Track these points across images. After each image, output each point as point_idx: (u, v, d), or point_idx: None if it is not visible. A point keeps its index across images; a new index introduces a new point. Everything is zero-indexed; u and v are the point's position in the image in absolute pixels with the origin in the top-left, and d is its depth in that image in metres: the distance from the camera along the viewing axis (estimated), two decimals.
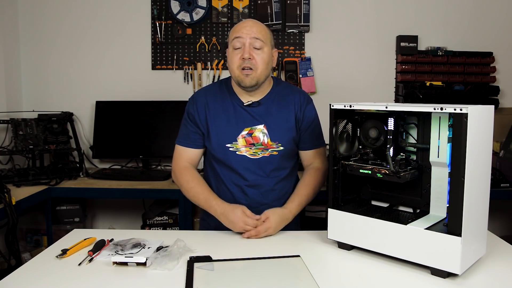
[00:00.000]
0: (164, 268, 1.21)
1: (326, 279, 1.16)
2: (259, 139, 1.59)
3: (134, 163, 2.94)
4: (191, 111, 1.65)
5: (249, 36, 1.53)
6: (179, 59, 2.98)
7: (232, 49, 1.56)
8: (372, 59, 2.99)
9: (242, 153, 1.59)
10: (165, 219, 2.69)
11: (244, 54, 1.53)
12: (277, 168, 1.62)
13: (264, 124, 1.60)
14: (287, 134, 1.62)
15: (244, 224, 1.46)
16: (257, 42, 1.54)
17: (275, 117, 1.61)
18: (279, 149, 1.61)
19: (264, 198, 1.61)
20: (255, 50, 1.54)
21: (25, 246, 2.78)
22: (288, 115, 1.63)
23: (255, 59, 1.53)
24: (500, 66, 2.94)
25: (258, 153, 1.59)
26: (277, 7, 2.90)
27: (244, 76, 1.54)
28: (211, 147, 1.61)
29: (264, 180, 1.61)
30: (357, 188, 1.48)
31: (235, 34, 1.55)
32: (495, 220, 2.98)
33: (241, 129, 1.59)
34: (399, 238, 1.22)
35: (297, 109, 1.65)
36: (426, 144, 1.27)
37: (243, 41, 1.54)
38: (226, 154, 1.59)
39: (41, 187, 2.38)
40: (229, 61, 1.58)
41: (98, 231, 1.57)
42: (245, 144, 1.58)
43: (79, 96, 3.01)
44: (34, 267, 1.25)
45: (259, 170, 1.60)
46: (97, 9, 2.98)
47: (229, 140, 1.59)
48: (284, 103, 1.64)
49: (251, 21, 1.59)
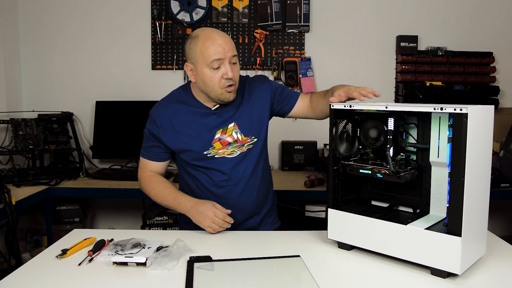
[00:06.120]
0: (164, 268, 1.21)
1: (326, 279, 1.16)
2: (233, 137, 1.59)
3: (134, 163, 2.94)
4: (153, 131, 1.60)
5: (228, 55, 1.48)
6: (179, 59, 2.98)
7: (210, 69, 1.48)
8: (372, 59, 2.99)
9: (220, 155, 1.59)
10: (165, 219, 2.69)
11: (228, 74, 1.48)
12: (257, 161, 1.64)
13: (234, 122, 1.60)
14: (257, 125, 1.62)
15: (213, 215, 1.47)
16: (234, 58, 1.51)
17: (243, 112, 1.61)
18: (253, 142, 1.62)
19: (249, 195, 1.62)
20: (232, 65, 1.51)
21: (25, 246, 2.78)
22: (254, 106, 1.63)
23: (234, 74, 1.51)
24: (500, 66, 2.95)
25: (236, 151, 1.59)
26: (277, 7, 2.90)
27: (227, 93, 1.52)
28: (189, 159, 1.60)
29: (246, 176, 1.61)
30: (357, 188, 1.48)
31: (214, 56, 1.46)
32: (495, 220, 2.98)
33: (214, 134, 1.58)
34: (399, 238, 1.22)
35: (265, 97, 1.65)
36: (426, 144, 1.27)
37: (223, 61, 1.48)
38: (205, 161, 1.59)
39: (41, 187, 2.38)
40: (207, 81, 1.50)
41: (98, 231, 1.57)
42: (221, 147, 1.58)
43: (79, 96, 3.01)
44: (34, 267, 1.25)
45: (239, 168, 1.60)
46: (97, 9, 2.98)
47: (205, 148, 1.58)
48: (248, 95, 1.64)
49: (221, 37, 1.49)
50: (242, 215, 1.61)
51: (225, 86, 1.50)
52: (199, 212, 1.50)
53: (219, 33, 1.51)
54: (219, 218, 1.48)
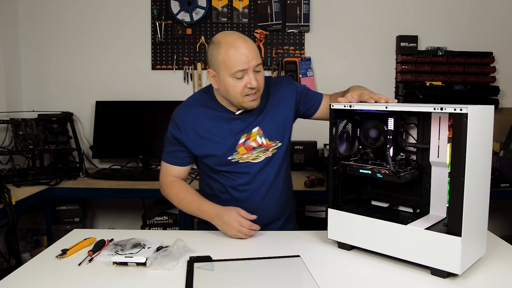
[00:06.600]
0: (164, 268, 1.21)
1: (326, 279, 1.16)
2: (257, 142, 1.57)
3: (134, 163, 2.94)
4: (177, 135, 1.56)
5: (252, 65, 1.43)
6: (179, 59, 2.98)
7: (233, 78, 1.44)
8: (372, 59, 2.99)
9: (244, 160, 1.56)
10: (165, 219, 2.69)
11: (251, 83, 1.44)
12: (281, 165, 1.62)
13: (258, 127, 1.57)
14: (282, 129, 1.61)
15: (238, 225, 1.45)
16: (258, 66, 1.47)
17: (267, 115, 1.59)
18: (278, 146, 1.60)
19: (272, 199, 1.60)
20: (256, 73, 1.46)
21: (25, 246, 2.78)
22: (278, 109, 1.61)
23: (258, 82, 1.47)
24: (500, 66, 2.94)
25: (261, 156, 1.57)
26: (277, 7, 2.90)
27: (249, 101, 1.48)
28: (212, 164, 1.57)
29: (269, 181, 1.59)
30: (357, 188, 1.48)
31: (237, 66, 1.41)
32: (495, 220, 2.98)
33: (238, 139, 1.56)
34: (399, 238, 1.22)
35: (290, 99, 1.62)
36: (426, 144, 1.27)
37: (247, 71, 1.43)
38: (229, 166, 1.56)
39: (41, 187, 2.38)
40: (230, 90, 1.46)
41: (98, 231, 1.57)
42: (245, 152, 1.56)
43: (79, 96, 3.01)
44: (34, 267, 1.25)
45: (263, 172, 1.58)
46: (97, 9, 2.98)
47: (229, 153, 1.55)
48: (272, 98, 1.61)
49: (244, 45, 1.43)
50: (263, 219, 1.56)
51: (248, 94, 1.47)
52: (224, 221, 1.47)
53: (242, 40, 1.44)
54: (245, 228, 1.45)
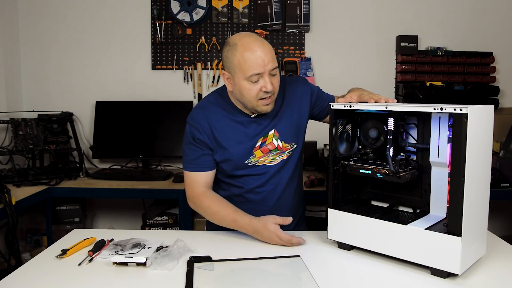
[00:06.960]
0: (164, 268, 1.21)
1: (326, 279, 1.16)
2: (273, 144, 1.56)
3: (134, 163, 2.94)
4: (199, 137, 1.52)
5: (268, 68, 1.41)
6: (179, 59, 2.98)
7: (248, 82, 1.42)
8: (372, 59, 2.99)
9: (261, 163, 1.56)
10: (165, 219, 2.69)
11: (266, 87, 1.42)
12: (295, 167, 1.62)
13: (274, 129, 1.56)
14: (297, 130, 1.60)
15: (278, 239, 1.41)
16: (274, 70, 1.44)
17: (282, 117, 1.58)
18: (293, 149, 1.60)
19: (286, 201, 1.60)
20: (271, 77, 1.44)
21: (25, 246, 2.78)
22: (294, 110, 1.60)
23: (273, 85, 1.45)
24: (500, 66, 2.94)
25: (277, 158, 1.56)
26: (277, 7, 2.90)
27: (263, 105, 1.47)
28: (229, 169, 1.56)
29: (284, 183, 1.59)
30: (357, 188, 1.48)
31: (253, 70, 1.39)
32: (495, 220, 2.98)
33: (255, 142, 1.54)
34: (399, 238, 1.22)
35: (305, 101, 1.62)
36: (426, 144, 1.27)
37: (263, 75, 1.41)
38: (245, 169, 1.56)
39: (41, 187, 2.38)
40: (244, 93, 1.44)
41: (98, 231, 1.57)
42: (262, 154, 1.55)
43: (79, 96, 3.01)
44: (34, 267, 1.25)
45: (279, 175, 1.58)
46: (97, 9, 2.98)
47: (246, 157, 1.54)
48: (287, 99, 1.60)
49: (261, 48, 1.40)
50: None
51: (263, 98, 1.45)
52: (264, 237, 1.43)
53: (258, 42, 1.41)
54: (284, 242, 1.40)
